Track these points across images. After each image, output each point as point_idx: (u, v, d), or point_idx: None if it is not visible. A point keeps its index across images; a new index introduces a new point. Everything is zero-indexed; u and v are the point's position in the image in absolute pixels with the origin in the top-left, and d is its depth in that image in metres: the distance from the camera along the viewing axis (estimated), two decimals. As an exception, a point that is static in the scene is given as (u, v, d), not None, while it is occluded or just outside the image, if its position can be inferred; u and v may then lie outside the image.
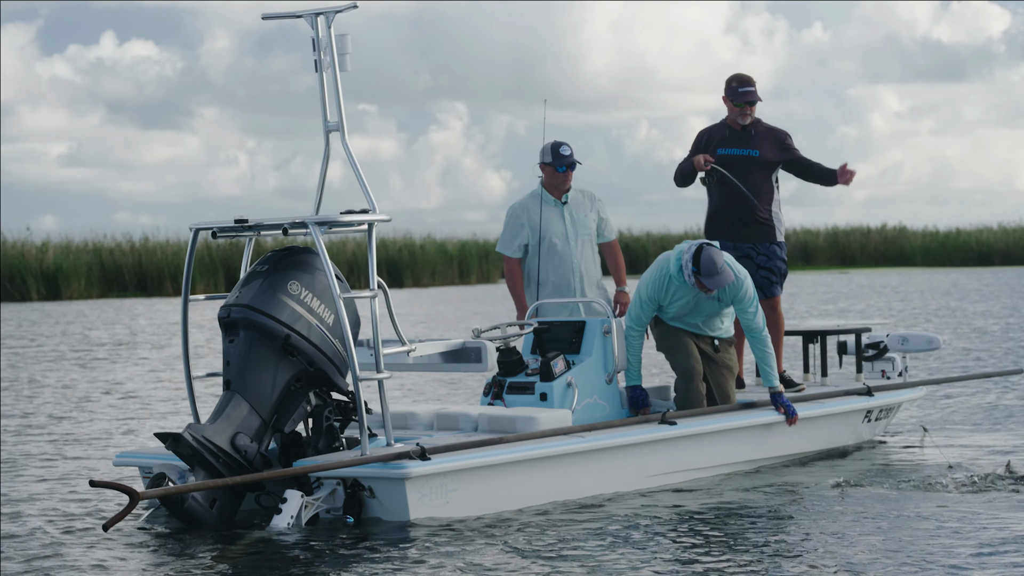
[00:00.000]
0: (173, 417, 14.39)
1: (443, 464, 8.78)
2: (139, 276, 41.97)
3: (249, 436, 8.75)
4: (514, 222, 11.13)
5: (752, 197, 11.38)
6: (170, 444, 8.62)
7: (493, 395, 10.32)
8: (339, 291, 8.86)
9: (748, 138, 11.49)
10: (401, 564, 7.72)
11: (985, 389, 15.33)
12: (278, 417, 8.94)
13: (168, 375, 19.02)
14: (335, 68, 9.19)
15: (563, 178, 11.05)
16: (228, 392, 8.84)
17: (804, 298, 35.71)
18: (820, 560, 7.63)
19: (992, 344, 20.99)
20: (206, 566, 7.76)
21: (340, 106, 9.21)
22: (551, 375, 10.08)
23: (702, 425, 10.18)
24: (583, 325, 10.40)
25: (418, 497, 8.70)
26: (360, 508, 8.71)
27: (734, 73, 11.60)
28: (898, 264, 57.04)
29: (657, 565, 7.62)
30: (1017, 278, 45.25)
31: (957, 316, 27.59)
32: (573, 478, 9.49)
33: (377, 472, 8.65)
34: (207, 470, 8.62)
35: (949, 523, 8.46)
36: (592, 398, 10.20)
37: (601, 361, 10.29)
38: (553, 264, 11.06)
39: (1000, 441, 11.83)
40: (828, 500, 9.33)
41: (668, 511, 9.11)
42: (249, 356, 8.85)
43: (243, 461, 8.68)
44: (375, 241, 9.14)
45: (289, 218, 9.03)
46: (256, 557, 7.97)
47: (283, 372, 8.88)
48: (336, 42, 9.19)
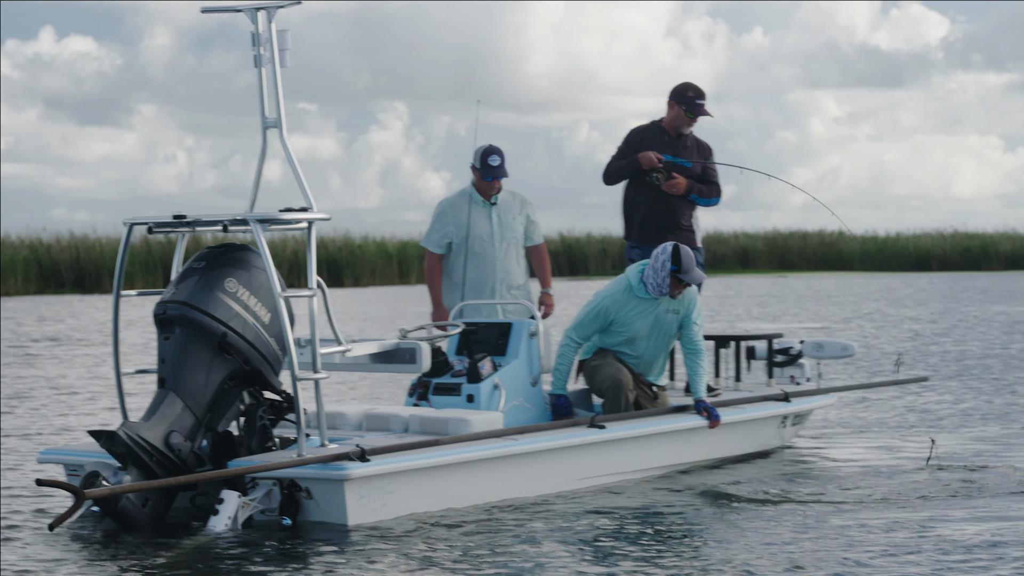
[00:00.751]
0: (105, 414, 14.27)
1: (382, 466, 8.72)
2: (77, 272, 41.68)
3: (183, 435, 8.65)
4: (440, 218, 11.13)
5: (765, 172, 11.69)
6: (104, 442, 8.51)
7: (419, 396, 10.28)
8: (279, 290, 8.79)
9: (683, 148, 11.53)
10: (341, 567, 7.66)
11: (896, 395, 15.53)
12: (211, 416, 8.84)
13: (101, 371, 18.88)
14: (275, 64, 9.10)
15: (489, 186, 11.09)
16: (163, 390, 8.74)
17: (739, 302, 35.86)
18: (738, 558, 7.71)
19: (913, 348, 21.15)
20: (144, 569, 7.66)
21: (279, 102, 9.12)
22: (478, 377, 10.07)
23: (629, 429, 10.20)
24: (509, 327, 10.38)
25: (356, 499, 8.63)
26: (297, 509, 8.63)
27: (688, 82, 11.56)
28: (837, 268, 57.36)
29: (583, 566, 7.63)
30: (952, 283, 45.61)
31: (889, 320, 27.78)
32: (506, 480, 9.48)
33: (316, 473, 8.57)
34: (141, 469, 8.51)
35: (863, 524, 8.61)
36: (518, 400, 10.20)
37: (527, 363, 10.30)
38: (475, 264, 11.07)
39: (909, 444, 12.05)
40: (747, 501, 9.42)
41: (596, 513, 9.11)
42: (184, 354, 8.74)
43: (177, 460, 8.58)
44: (315, 240, 9.07)
45: (230, 215, 8.94)
46: (194, 559, 7.87)
47: (218, 370, 8.79)
48: (276, 37, 9.10)
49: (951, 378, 17.27)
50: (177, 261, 9.43)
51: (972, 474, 10.39)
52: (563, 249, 53.17)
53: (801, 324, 26.97)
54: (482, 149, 11.05)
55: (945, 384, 16.68)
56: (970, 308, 31.86)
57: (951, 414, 14.04)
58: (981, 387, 16.36)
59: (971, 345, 21.84)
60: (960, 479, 10.19)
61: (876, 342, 22.58)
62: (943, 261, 57.43)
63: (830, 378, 14.99)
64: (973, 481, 10.10)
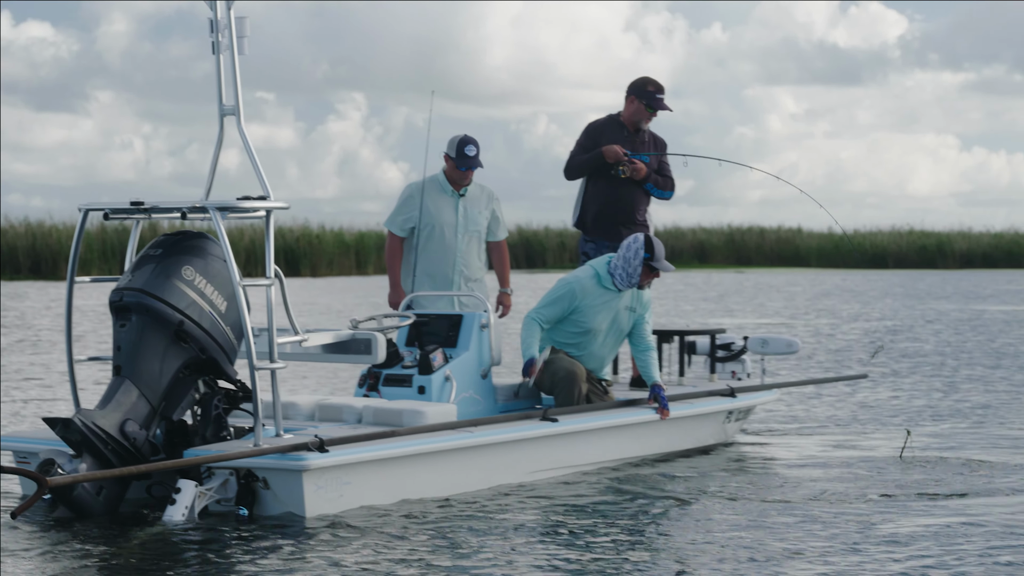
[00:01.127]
0: (57, 402, 14.19)
1: (341, 457, 8.71)
2: (33, 259, 41.48)
3: (138, 423, 8.60)
4: (407, 201, 11.09)
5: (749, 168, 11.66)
6: (59, 430, 8.46)
7: (369, 386, 10.27)
8: (238, 279, 8.75)
9: (641, 143, 11.57)
10: (299, 558, 7.63)
11: (841, 391, 15.68)
12: (166, 404, 8.79)
13: (53, 358, 18.79)
14: (233, 51, 9.05)
15: (463, 176, 11.06)
16: (118, 377, 8.68)
17: (695, 296, 35.96)
18: (684, 551, 7.77)
19: (857, 345, 21.29)
20: (102, 559, 7.61)
21: (237, 89, 9.07)
22: (430, 368, 10.07)
23: (582, 423, 10.25)
24: (460, 319, 10.40)
25: (314, 489, 8.61)
26: (253, 500, 8.60)
27: (647, 76, 11.60)
28: (793, 265, 57.57)
29: (537, 557, 7.66)
30: (909, 281, 45.83)
31: (841, 317, 27.91)
32: (460, 472, 9.49)
33: (274, 463, 8.54)
34: (95, 457, 8.46)
35: (804, 518, 8.68)
36: (468, 392, 10.23)
37: (477, 356, 10.32)
38: (436, 253, 11.06)
39: (852, 440, 12.17)
40: (693, 496, 9.48)
41: (549, 506, 9.14)
42: (141, 341, 8.68)
43: (132, 448, 8.53)
44: (273, 229, 9.02)
45: (188, 202, 8.90)
46: (152, 550, 7.82)
47: (174, 359, 8.74)
48: (235, 25, 9.05)
49: (903, 376, 17.39)
50: (132, 248, 9.36)
51: (915, 469, 10.51)
52: (521, 242, 53.20)
53: (758, 320, 27.07)
54: (458, 138, 11.02)
55: (891, 381, 16.82)
56: (925, 306, 32.04)
57: (892, 411, 14.15)
58: (932, 382, 16.50)
59: (924, 343, 21.96)
60: (904, 474, 10.30)
61: (826, 339, 22.69)
62: (899, 259, 57.71)
63: (773, 374, 15.07)
64: (917, 476, 10.21)
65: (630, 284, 10.55)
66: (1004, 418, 13.58)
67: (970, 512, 8.92)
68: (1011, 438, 12.24)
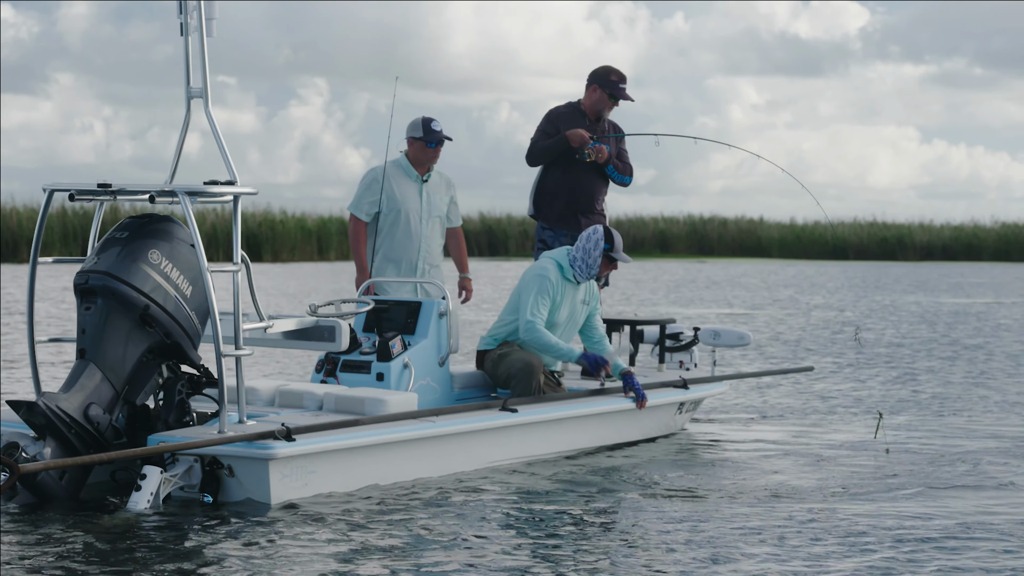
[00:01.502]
0: (15, 384, 14.12)
1: (308, 446, 8.71)
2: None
3: (102, 407, 8.57)
4: (372, 185, 11.03)
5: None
6: (24, 413, 8.41)
7: (326, 372, 10.27)
8: (206, 263, 8.72)
9: (602, 131, 11.63)
10: (264, 545, 7.62)
11: (793, 382, 15.77)
12: (130, 388, 8.75)
13: (12, 340, 18.71)
14: (202, 32, 9.01)
15: (433, 154, 11.04)
16: (82, 361, 8.65)
17: (656, 286, 36.02)
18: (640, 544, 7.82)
19: (811, 336, 21.41)
20: (66, 545, 7.56)
21: (205, 72, 9.04)
22: (388, 355, 10.06)
23: (540, 413, 10.28)
24: (419, 306, 10.39)
25: (280, 478, 8.61)
26: (218, 487, 8.58)
27: (609, 65, 11.62)
28: (755, 255, 57.70)
29: (500, 543, 7.72)
30: (866, 272, 46.03)
31: (799, 307, 28.02)
32: (423, 460, 9.52)
33: (240, 451, 8.53)
34: (59, 441, 8.42)
35: (752, 507, 8.80)
36: (425, 380, 10.23)
37: (436, 343, 10.32)
38: (400, 239, 11.03)
39: (801, 430, 12.29)
40: (652, 485, 9.57)
41: (507, 492, 9.20)
42: (105, 325, 8.64)
43: (95, 433, 8.49)
44: (240, 214, 8.99)
45: (157, 185, 8.87)
46: (117, 536, 7.78)
47: (139, 343, 8.71)
48: (204, 6, 9.01)
49: (860, 366, 17.50)
50: (95, 230, 9.32)
51: (868, 459, 10.63)
52: (483, 229, 53.17)
53: (716, 310, 27.15)
54: (420, 119, 10.99)
55: (847, 371, 16.94)
56: (882, 297, 32.20)
57: (847, 401, 14.26)
58: (889, 373, 16.61)
59: (884, 333, 22.09)
60: (858, 464, 10.40)
61: (781, 328, 22.80)
62: (860, 250, 57.92)
63: (722, 366, 15.16)
64: (871, 466, 10.32)
65: (589, 276, 10.60)
66: (960, 408, 13.72)
67: (932, 501, 9.04)
68: (966, 429, 12.37)
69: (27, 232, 41.00)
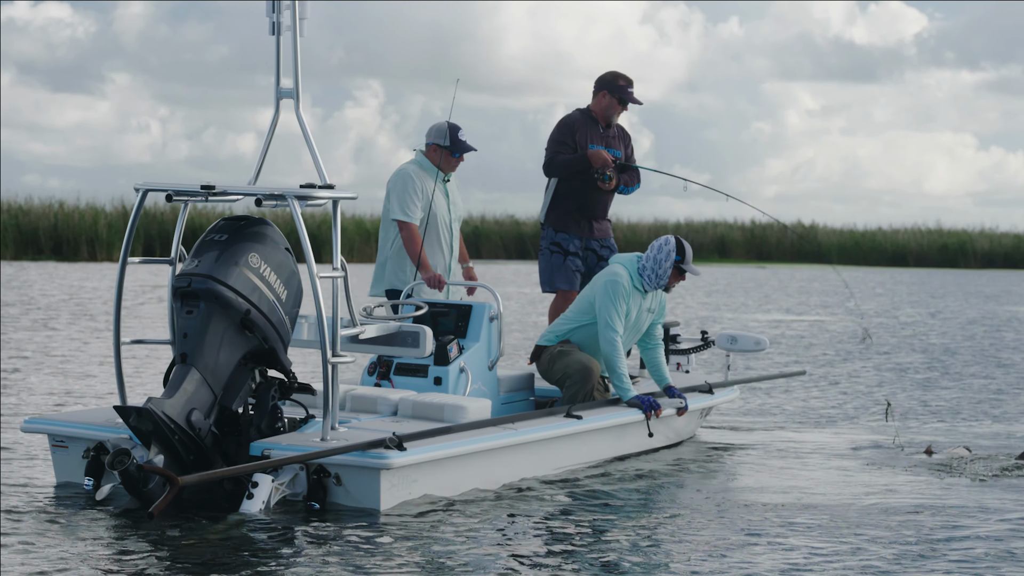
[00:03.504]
0: (80, 383, 14.06)
1: (418, 455, 8.61)
2: (55, 239, 41.38)
3: (203, 412, 8.41)
4: (412, 188, 10.75)
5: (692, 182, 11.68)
6: (133, 418, 8.23)
7: (379, 375, 10.15)
8: (302, 269, 8.57)
9: (613, 138, 11.63)
10: (377, 554, 7.56)
11: (804, 386, 15.84)
12: (225, 394, 8.59)
13: (78, 338, 18.68)
14: (295, 31, 8.86)
15: (456, 163, 10.93)
16: (183, 365, 8.47)
17: (713, 291, 35.86)
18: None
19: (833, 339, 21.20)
20: (181, 551, 7.47)
21: (297, 72, 8.91)
22: (446, 359, 9.99)
23: (601, 420, 10.20)
24: (469, 309, 10.31)
25: (389, 487, 8.50)
26: (324, 495, 8.46)
27: (615, 71, 11.63)
28: (813, 261, 57.41)
29: (611, 550, 7.65)
30: (928, 279, 45.68)
31: (833, 314, 27.79)
32: (506, 467, 9.46)
33: (352, 461, 8.42)
34: (164, 447, 8.26)
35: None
36: (477, 384, 10.17)
37: (487, 347, 10.30)
38: (433, 240, 10.84)
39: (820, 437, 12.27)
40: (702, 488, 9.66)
41: (584, 497, 9.23)
42: (208, 329, 8.47)
43: (197, 439, 8.34)
44: (340, 217, 8.85)
45: (263, 188, 8.71)
46: (232, 544, 7.69)
47: (238, 348, 8.55)
48: (297, 6, 8.85)
49: (883, 369, 17.29)
50: (179, 232, 9.14)
51: (889, 461, 10.72)
52: (536, 232, 53.01)
53: (762, 316, 26.95)
54: (447, 125, 10.84)
55: (873, 374, 16.93)
56: (939, 303, 31.86)
57: (863, 403, 14.34)
58: (909, 377, 16.38)
59: (925, 339, 21.83)
60: (887, 469, 10.46)
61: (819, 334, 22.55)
62: (920, 257, 57.51)
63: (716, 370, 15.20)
64: (892, 468, 10.42)
65: (658, 285, 10.56)
66: (973, 413, 13.71)
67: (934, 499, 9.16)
68: (974, 433, 12.30)
69: (88, 230, 41.15)
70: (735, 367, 16.99)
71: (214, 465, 8.47)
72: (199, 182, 8.79)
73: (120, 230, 40.57)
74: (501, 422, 9.53)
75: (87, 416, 9.29)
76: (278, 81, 9.01)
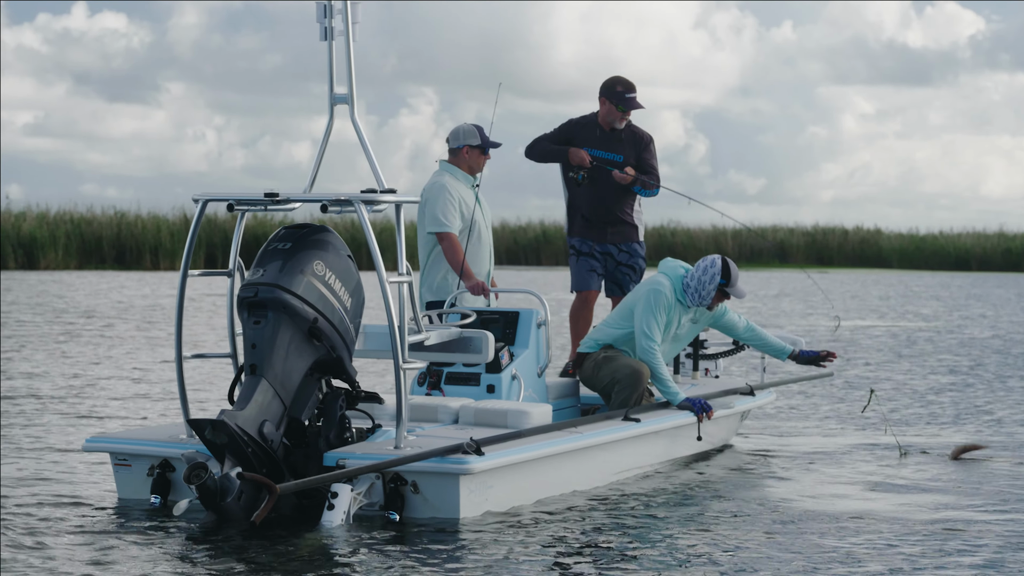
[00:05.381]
0: (136, 401, 14.05)
1: (496, 460, 8.54)
2: (118, 248, 41.66)
3: (274, 424, 8.33)
4: (449, 198, 10.57)
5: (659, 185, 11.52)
6: (208, 431, 8.13)
7: (430, 385, 10.06)
8: (366, 276, 8.52)
9: (617, 142, 11.54)
10: (460, 561, 7.51)
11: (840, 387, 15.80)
12: (294, 405, 8.50)
13: (134, 351, 18.75)
14: (348, 35, 8.79)
15: (486, 160, 10.83)
16: (253, 376, 8.36)
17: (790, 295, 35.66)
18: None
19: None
20: (266, 568, 7.40)
21: (351, 77, 8.82)
22: (498, 366, 9.92)
23: (659, 423, 10.15)
24: (517, 316, 10.25)
25: (467, 494, 8.42)
26: (402, 504, 8.38)
27: (617, 76, 11.58)
28: (874, 266, 57.06)
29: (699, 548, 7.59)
30: (984, 284, 45.30)
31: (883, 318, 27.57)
32: (571, 472, 9.39)
33: (430, 467, 8.32)
34: (239, 459, 8.17)
35: None
36: (528, 391, 10.10)
37: (535, 353, 10.24)
38: (474, 248, 10.71)
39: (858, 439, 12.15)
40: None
41: (667, 495, 9.27)
42: (276, 339, 8.37)
43: (269, 450, 8.26)
44: (404, 223, 8.80)
45: (329, 194, 8.64)
46: (318, 557, 7.62)
47: (306, 357, 8.46)
48: (350, 10, 8.78)
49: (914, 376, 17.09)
50: (237, 241, 9.08)
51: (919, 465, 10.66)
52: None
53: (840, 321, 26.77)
54: (473, 126, 10.79)
55: (903, 379, 16.74)
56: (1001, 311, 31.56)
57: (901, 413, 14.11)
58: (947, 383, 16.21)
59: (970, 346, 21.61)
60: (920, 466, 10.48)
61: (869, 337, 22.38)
62: (983, 261, 57.06)
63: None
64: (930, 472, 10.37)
65: (699, 304, 10.52)
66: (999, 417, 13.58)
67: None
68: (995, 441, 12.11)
69: (150, 239, 41.41)
70: None
71: (284, 478, 8.36)
72: (255, 191, 8.74)
73: (182, 239, 40.81)
74: (565, 427, 9.48)
75: (150, 433, 9.20)
76: (331, 87, 8.92)
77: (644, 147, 11.58)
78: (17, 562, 7.36)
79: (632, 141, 11.56)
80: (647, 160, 11.56)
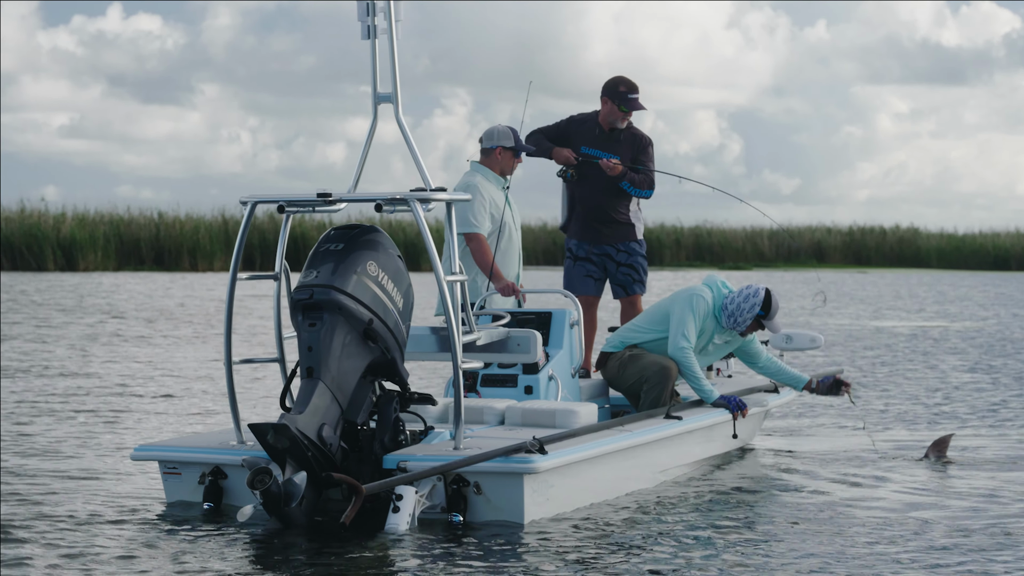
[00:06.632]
0: (174, 401, 14.03)
1: (559, 458, 8.45)
2: (156, 250, 41.78)
3: (332, 427, 8.24)
4: (479, 199, 10.49)
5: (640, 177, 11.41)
6: (271, 436, 8.03)
7: (466, 387, 9.93)
8: (442, 275, 8.45)
9: (615, 143, 11.45)
10: (528, 564, 7.45)
11: None
12: (350, 408, 8.40)
13: (177, 356, 18.76)
14: (392, 33, 8.70)
15: (517, 164, 10.76)
16: (311, 380, 8.25)
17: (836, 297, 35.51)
18: None
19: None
20: (333, 568, 7.34)
21: (395, 76, 8.74)
22: (535, 367, 9.85)
23: (699, 420, 10.11)
24: (550, 316, 10.20)
25: (531, 492, 8.32)
26: (465, 506, 8.28)
27: (619, 76, 11.48)
28: (913, 265, 56.83)
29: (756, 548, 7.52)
30: None
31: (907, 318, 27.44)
32: (625, 470, 9.34)
33: (494, 467, 8.22)
34: (299, 463, 8.07)
35: None
36: (564, 391, 10.04)
37: (569, 354, 10.18)
38: (505, 249, 10.65)
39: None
40: None
41: (716, 495, 9.26)
42: (332, 341, 8.27)
43: (329, 454, 8.16)
44: (455, 221, 8.74)
45: (383, 194, 8.56)
46: (387, 560, 7.55)
47: (362, 359, 8.37)
48: (393, 7, 8.70)
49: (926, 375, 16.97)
50: (283, 243, 8.98)
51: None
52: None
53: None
54: (507, 128, 10.70)
55: (915, 381, 16.61)
56: None
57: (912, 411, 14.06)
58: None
59: None
60: None
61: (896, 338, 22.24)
62: (1023, 260, 56.79)
63: None
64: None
65: (732, 327, 10.49)
66: None
67: None
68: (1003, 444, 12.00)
69: (188, 241, 41.50)
70: None
71: None
72: (292, 192, 8.66)
73: (219, 240, 40.87)
74: (613, 426, 9.41)
75: (200, 440, 9.11)
76: (375, 86, 8.84)
77: (642, 149, 11.47)
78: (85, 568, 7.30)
79: (631, 143, 11.47)
80: (644, 163, 11.47)
